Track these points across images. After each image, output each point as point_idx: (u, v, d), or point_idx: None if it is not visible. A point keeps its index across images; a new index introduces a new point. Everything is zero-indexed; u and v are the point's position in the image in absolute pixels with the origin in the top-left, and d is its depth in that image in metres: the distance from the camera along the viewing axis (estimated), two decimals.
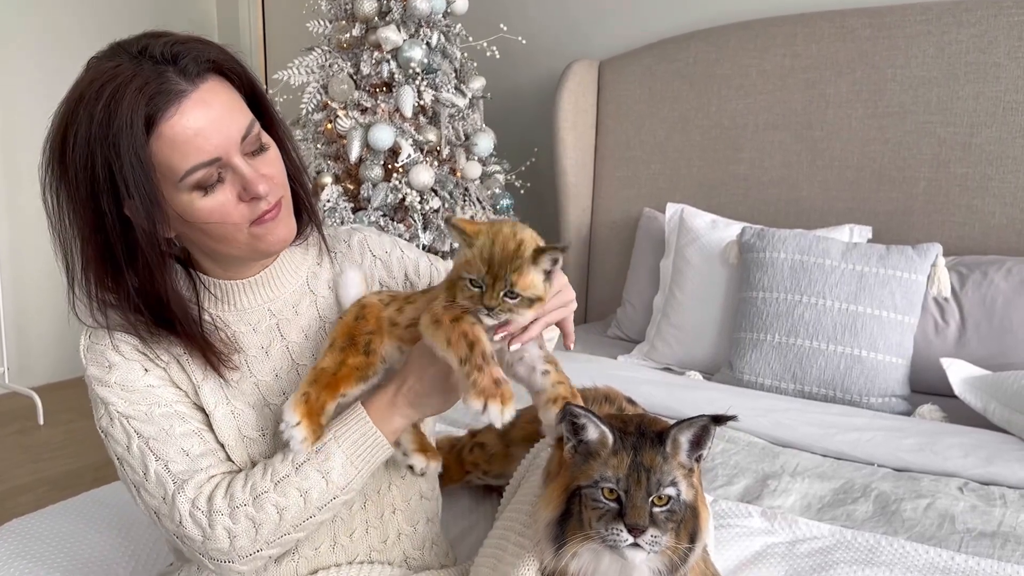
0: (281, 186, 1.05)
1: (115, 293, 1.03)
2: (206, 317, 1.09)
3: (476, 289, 0.96)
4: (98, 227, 0.98)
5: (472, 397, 0.92)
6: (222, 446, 1.09)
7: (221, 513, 1.00)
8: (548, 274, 0.98)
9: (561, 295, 1.05)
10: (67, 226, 1.00)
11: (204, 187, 0.97)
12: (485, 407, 0.92)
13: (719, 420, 0.90)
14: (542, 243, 0.99)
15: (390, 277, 1.23)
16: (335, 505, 1.05)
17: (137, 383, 1.05)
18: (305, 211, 1.15)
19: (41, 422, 3.55)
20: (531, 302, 0.97)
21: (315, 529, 1.07)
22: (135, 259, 0.99)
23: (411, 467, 1.13)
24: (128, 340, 1.07)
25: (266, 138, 1.04)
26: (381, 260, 1.23)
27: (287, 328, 1.15)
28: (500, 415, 0.92)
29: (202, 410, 1.10)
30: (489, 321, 0.97)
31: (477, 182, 2.87)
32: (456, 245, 1.05)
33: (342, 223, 2.75)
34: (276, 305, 1.15)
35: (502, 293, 0.95)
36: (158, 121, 0.93)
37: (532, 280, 0.96)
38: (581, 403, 0.95)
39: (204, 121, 0.95)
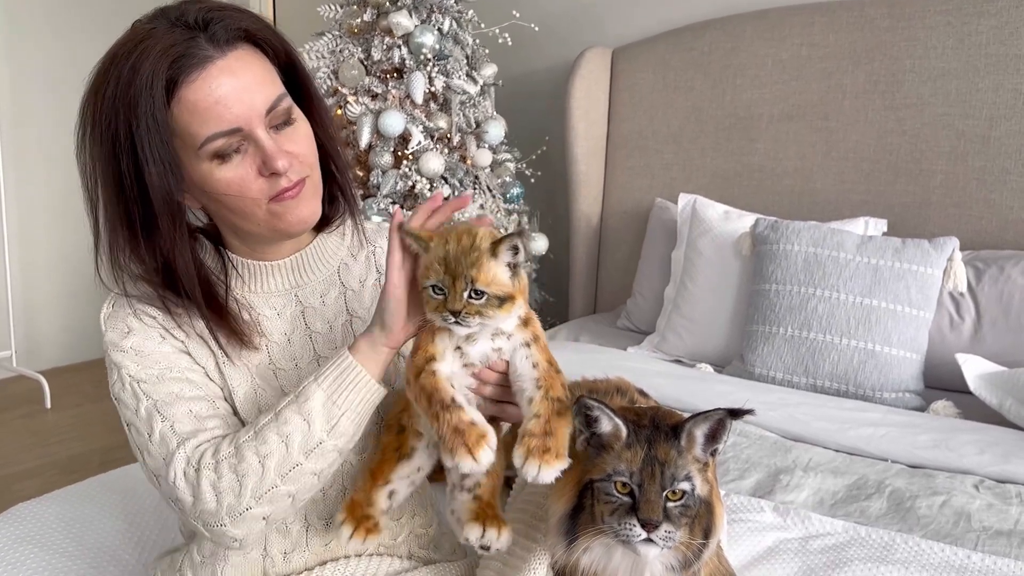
0: (307, 165, 1.01)
1: (141, 262, 1.00)
2: (232, 296, 1.07)
3: (440, 296, 0.90)
4: (120, 190, 0.96)
5: (444, 453, 0.87)
6: (237, 415, 1.06)
7: (208, 468, 0.95)
8: (514, 268, 0.92)
9: None
10: (94, 188, 0.99)
11: (223, 156, 0.95)
12: (454, 461, 0.86)
13: (736, 414, 0.88)
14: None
15: None
16: (325, 451, 0.96)
17: (152, 348, 1.02)
18: (340, 196, 1.11)
19: (48, 406, 3.56)
20: (501, 301, 0.90)
21: (312, 483, 0.98)
22: (154, 227, 0.97)
23: (467, 539, 0.97)
24: (150, 311, 1.04)
25: (296, 113, 1.01)
26: None
27: (312, 317, 1.13)
28: (471, 464, 0.85)
29: (216, 384, 1.07)
30: (460, 330, 0.90)
31: (487, 170, 2.85)
32: None
33: None
34: (304, 292, 1.13)
35: (465, 294, 0.89)
36: (180, 85, 0.92)
37: (495, 275, 0.90)
38: (555, 440, 0.88)
39: (227, 89, 0.93)
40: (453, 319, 0.89)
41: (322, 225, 1.13)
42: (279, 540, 1.11)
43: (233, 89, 0.93)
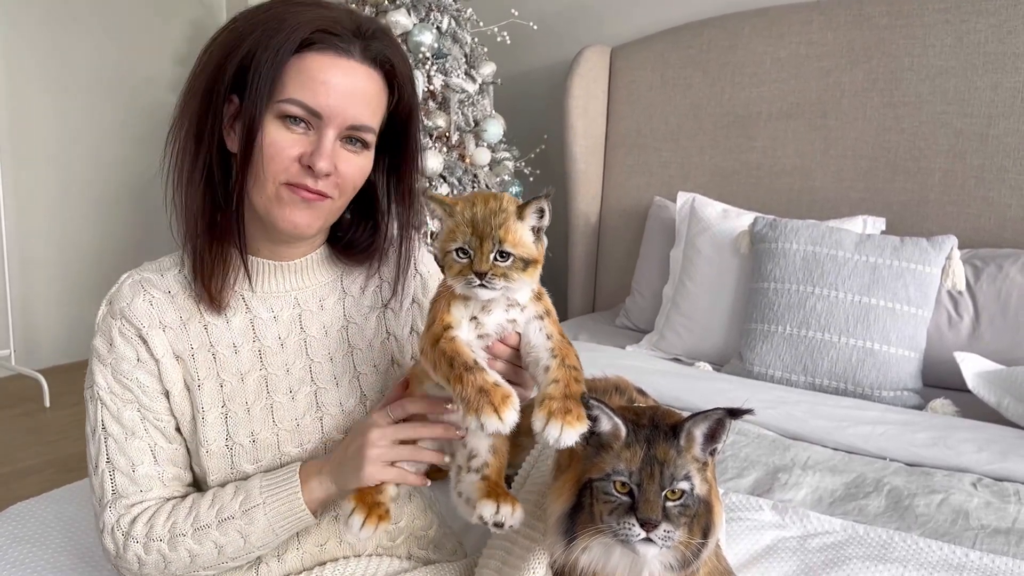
0: (339, 189, 1.04)
1: (196, 201, 1.05)
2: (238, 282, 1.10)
3: (464, 259, 0.90)
4: (202, 116, 1.02)
5: (465, 415, 0.85)
6: (190, 454, 1.10)
7: (136, 540, 1.02)
8: (537, 232, 0.93)
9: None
10: (182, 114, 1.05)
11: (288, 121, 1.00)
12: (480, 422, 0.84)
13: (735, 413, 0.88)
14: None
15: (425, 296, 1.21)
16: (249, 558, 1.05)
17: (126, 372, 1.06)
18: (375, 255, 1.16)
19: (47, 404, 3.55)
20: (525, 264, 0.90)
21: (236, 567, 1.08)
22: (210, 169, 1.03)
23: (480, 518, 0.95)
24: (136, 320, 1.05)
25: (369, 150, 1.06)
26: (422, 276, 1.22)
27: (309, 321, 1.13)
28: (497, 423, 0.84)
29: (177, 416, 1.08)
30: (484, 293, 0.89)
31: (486, 169, 2.85)
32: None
33: None
34: (303, 295, 1.13)
35: (492, 255, 0.88)
36: (311, 48, 0.99)
37: (521, 236, 0.90)
38: (574, 402, 0.88)
39: (337, 82, 0.99)
40: (478, 281, 0.88)
41: (344, 250, 1.16)
42: None
43: (341, 86, 1.00)
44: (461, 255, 0.90)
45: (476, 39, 2.91)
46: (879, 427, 1.81)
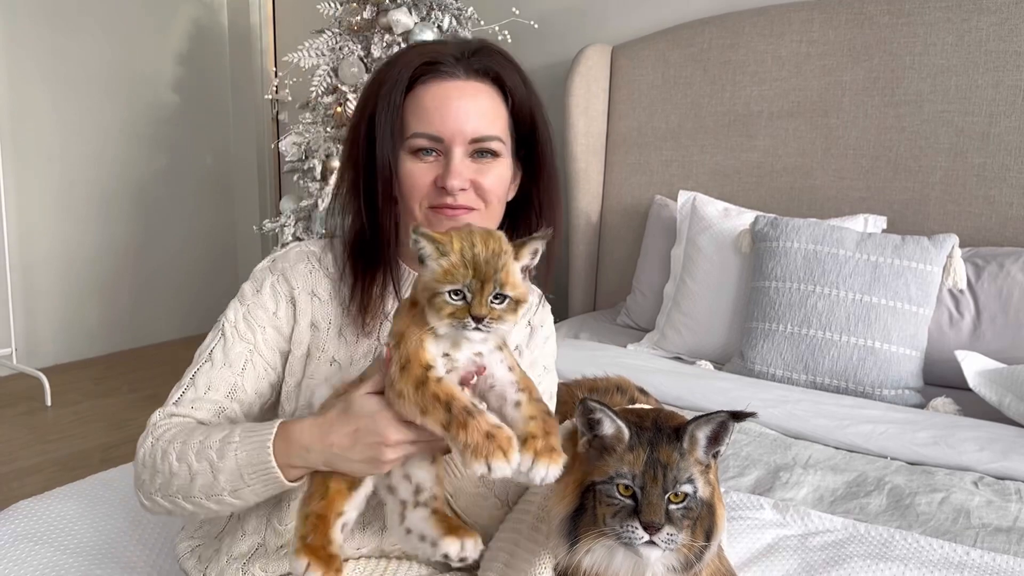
0: (482, 198, 1.09)
1: (348, 212, 1.15)
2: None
3: (459, 300, 0.86)
4: (354, 149, 1.12)
5: (471, 461, 0.82)
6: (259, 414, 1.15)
7: (149, 440, 1.06)
8: (525, 269, 0.91)
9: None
10: (345, 151, 1.17)
11: (419, 153, 1.08)
12: (489, 467, 0.82)
13: (738, 416, 0.89)
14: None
15: (529, 347, 1.22)
16: (225, 503, 1.01)
17: (258, 318, 1.14)
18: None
19: (48, 403, 3.55)
20: (516, 305, 0.88)
21: (213, 513, 1.04)
22: (371, 187, 1.11)
23: (446, 556, 0.93)
24: (294, 282, 1.14)
25: (503, 155, 1.11)
26: (531, 327, 1.23)
27: None
28: (507, 468, 0.82)
29: (287, 375, 1.15)
30: (477, 336, 0.87)
31: None
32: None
33: None
34: None
35: (491, 298, 0.86)
36: (418, 84, 1.09)
37: (516, 277, 0.88)
38: (555, 439, 0.87)
39: (449, 104, 1.07)
40: (474, 325, 0.86)
41: None
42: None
43: (454, 107, 1.07)
44: (455, 296, 0.87)
45: (477, 38, 2.91)
46: (880, 426, 1.81)
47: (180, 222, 4.43)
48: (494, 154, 1.10)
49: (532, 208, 1.18)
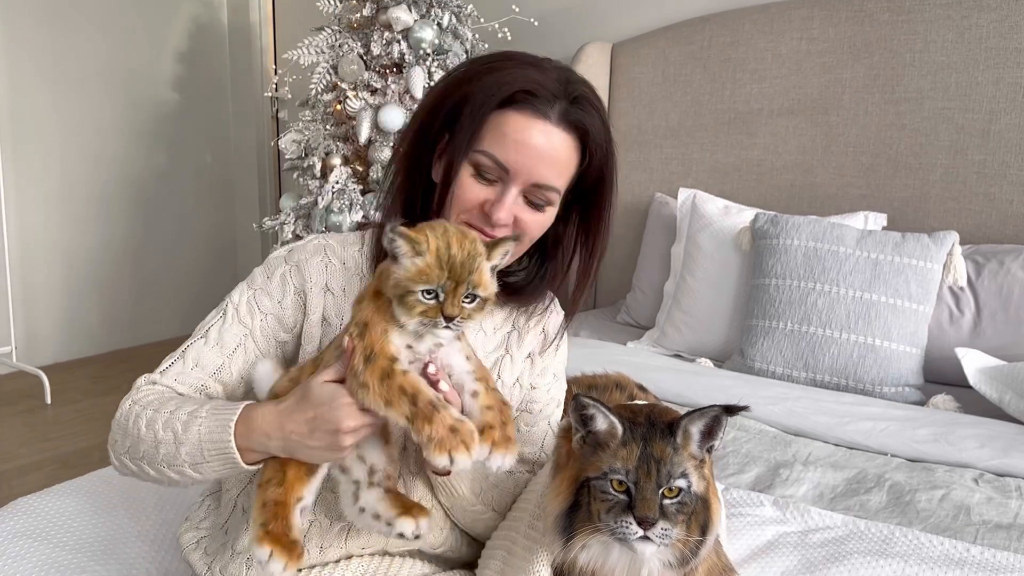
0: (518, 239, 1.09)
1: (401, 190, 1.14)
2: None
3: (432, 300, 0.88)
4: (414, 144, 1.12)
5: (434, 454, 0.84)
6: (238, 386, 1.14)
7: (126, 401, 1.07)
8: (493, 269, 0.94)
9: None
10: (407, 129, 1.15)
11: (479, 170, 1.06)
12: (451, 459, 0.84)
13: (731, 410, 0.88)
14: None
15: (542, 355, 1.23)
16: (186, 475, 1.02)
17: (262, 304, 1.14)
18: (531, 301, 1.21)
19: (48, 401, 3.56)
20: (484, 303, 0.91)
21: (176, 484, 1.05)
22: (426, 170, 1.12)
23: (401, 535, 0.97)
24: (307, 275, 1.14)
25: (552, 207, 1.11)
26: (546, 333, 1.24)
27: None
28: (468, 460, 0.85)
29: (287, 342, 1.16)
30: (447, 334, 0.90)
31: None
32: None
33: (351, 206, 2.73)
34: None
35: (463, 298, 0.89)
36: (511, 107, 1.05)
37: (487, 277, 0.91)
38: (511, 428, 0.90)
39: (529, 142, 1.04)
40: (445, 323, 0.89)
41: (513, 293, 1.20)
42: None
43: (532, 146, 1.05)
44: (427, 296, 0.89)
45: (477, 35, 2.91)
46: (880, 423, 1.80)
47: (180, 220, 4.43)
48: (548, 203, 1.09)
49: (571, 249, 1.21)
